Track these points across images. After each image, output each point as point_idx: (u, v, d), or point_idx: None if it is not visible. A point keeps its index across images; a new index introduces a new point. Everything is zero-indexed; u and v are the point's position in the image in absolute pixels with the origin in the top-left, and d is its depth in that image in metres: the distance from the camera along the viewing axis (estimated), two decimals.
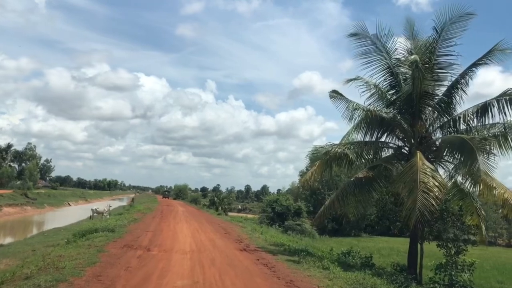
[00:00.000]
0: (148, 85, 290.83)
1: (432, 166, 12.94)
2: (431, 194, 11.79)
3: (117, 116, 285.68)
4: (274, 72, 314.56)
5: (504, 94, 13.02)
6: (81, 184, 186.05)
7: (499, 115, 12.98)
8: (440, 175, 13.12)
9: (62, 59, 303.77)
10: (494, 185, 13.23)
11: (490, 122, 13.40)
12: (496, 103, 13.10)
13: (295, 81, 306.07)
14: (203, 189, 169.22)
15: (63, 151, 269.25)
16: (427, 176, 12.17)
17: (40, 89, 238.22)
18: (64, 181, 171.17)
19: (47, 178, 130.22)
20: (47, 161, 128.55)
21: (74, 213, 52.55)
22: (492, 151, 12.26)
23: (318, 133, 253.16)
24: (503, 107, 12.90)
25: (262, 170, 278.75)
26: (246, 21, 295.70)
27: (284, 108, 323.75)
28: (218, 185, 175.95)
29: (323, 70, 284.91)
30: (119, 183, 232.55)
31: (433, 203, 11.69)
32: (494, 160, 12.14)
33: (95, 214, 35.10)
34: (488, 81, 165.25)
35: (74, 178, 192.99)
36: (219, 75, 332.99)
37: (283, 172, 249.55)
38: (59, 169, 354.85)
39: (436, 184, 12.02)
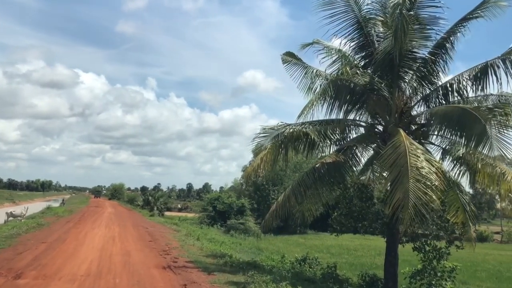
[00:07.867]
0: (87, 82, 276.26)
1: (422, 147, 9.62)
2: (429, 183, 8.43)
3: (53, 114, 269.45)
4: (217, 70, 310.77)
5: (511, 51, 9.91)
6: (12, 185, 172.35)
7: (507, 77, 9.80)
8: (434, 158, 9.82)
9: None
10: (498, 171, 10.06)
11: (490, 89, 10.26)
12: (501, 63, 9.94)
13: (238, 79, 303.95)
14: (143, 189, 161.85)
15: None
16: (419, 159, 8.85)
17: None
18: None
19: None
20: None
21: None
22: (509, 122, 8.94)
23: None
24: None
25: (205, 168, 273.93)
26: (187, 18, 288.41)
27: (227, 105, 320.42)
28: (159, 184, 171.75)
29: (265, 69, 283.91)
30: (54, 184, 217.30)
31: (433, 195, 8.31)
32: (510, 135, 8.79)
33: (10, 218, 29.84)
34: None
35: (5, 179, 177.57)
36: (159, 72, 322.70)
37: (225, 170, 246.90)
38: None
39: (433, 170, 8.68)
